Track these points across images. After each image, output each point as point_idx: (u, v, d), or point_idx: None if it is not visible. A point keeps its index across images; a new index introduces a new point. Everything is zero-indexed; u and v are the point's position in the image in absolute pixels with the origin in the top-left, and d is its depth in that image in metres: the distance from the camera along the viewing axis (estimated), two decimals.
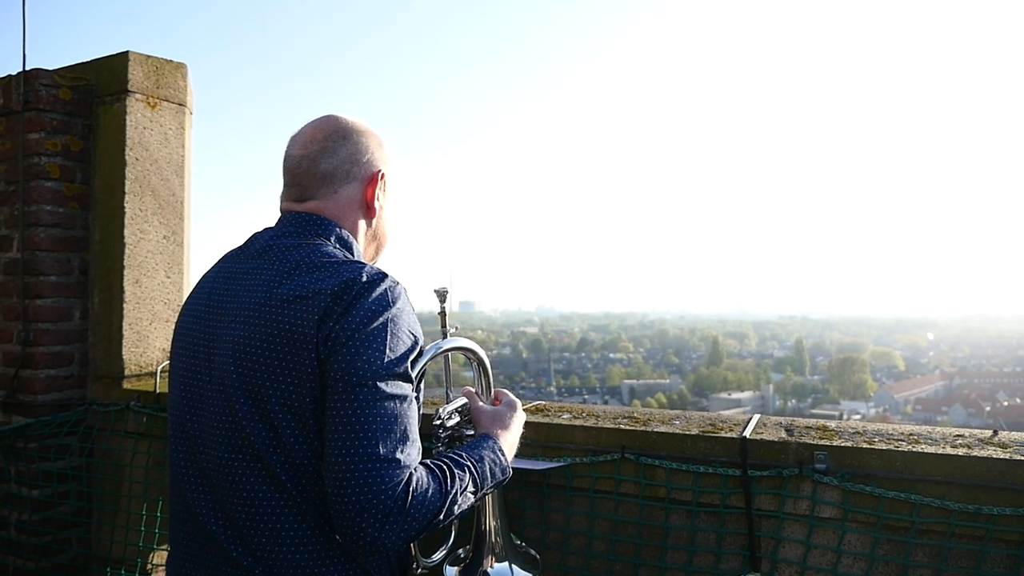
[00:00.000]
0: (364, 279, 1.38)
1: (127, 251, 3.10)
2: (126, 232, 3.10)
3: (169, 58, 3.30)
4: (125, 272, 3.10)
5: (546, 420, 2.22)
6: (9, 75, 3.13)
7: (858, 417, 66.62)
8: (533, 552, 1.90)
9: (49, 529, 3.03)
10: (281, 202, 1.63)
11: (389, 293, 1.38)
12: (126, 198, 3.10)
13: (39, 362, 3.05)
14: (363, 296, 1.35)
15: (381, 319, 1.34)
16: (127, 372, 3.11)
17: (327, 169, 1.56)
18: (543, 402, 2.48)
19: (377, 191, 1.60)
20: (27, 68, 3.08)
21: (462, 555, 1.86)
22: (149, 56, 3.21)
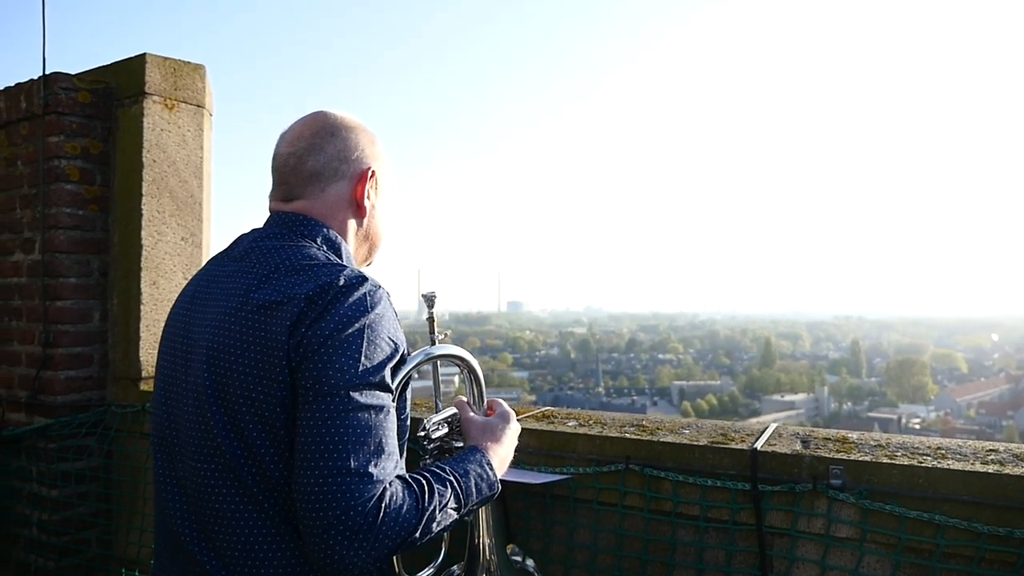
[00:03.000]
0: (341, 282, 1.31)
1: (144, 253, 3.11)
2: (143, 234, 3.10)
3: (188, 60, 3.30)
4: (142, 274, 3.10)
5: (550, 428, 2.12)
6: (30, 79, 3.17)
7: (917, 421, 64.63)
8: (531, 569, 1.82)
9: (68, 529, 3.05)
10: (269, 202, 1.58)
11: (368, 298, 1.31)
12: (143, 200, 3.10)
13: (59, 363, 3.08)
14: (338, 301, 1.28)
15: (357, 325, 1.28)
16: (144, 374, 3.11)
17: (314, 167, 1.51)
18: (550, 408, 2.38)
19: (367, 189, 1.54)
20: (47, 72, 3.11)
21: (456, 571, 1.78)
22: (167, 58, 3.21)
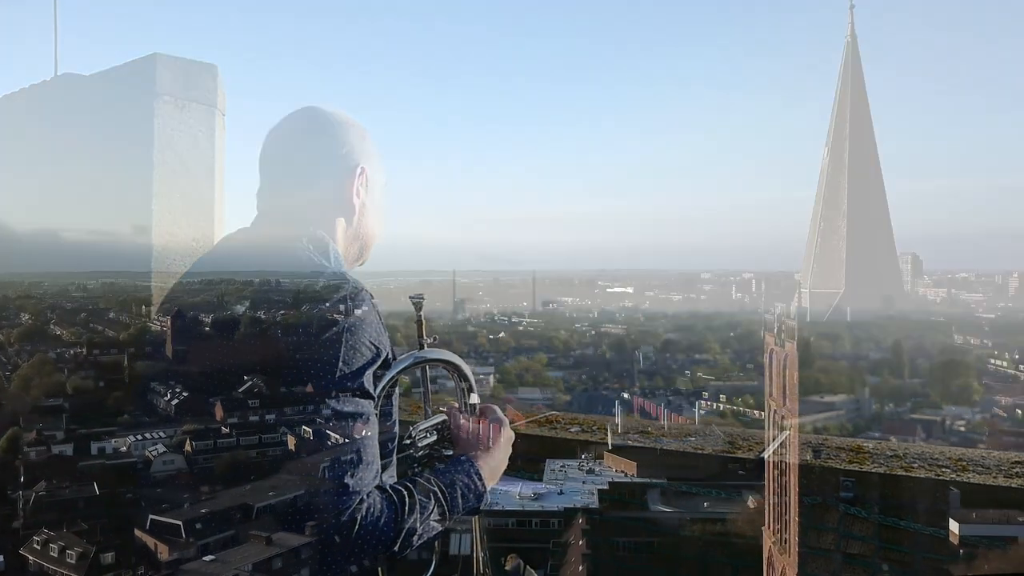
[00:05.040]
0: (320, 284, 1.28)
1: (154, 255, 3.11)
2: (153, 235, 3.11)
3: (199, 60, 3.31)
4: (152, 276, 3.11)
5: (552, 433, 2.05)
6: (43, 80, 3.19)
7: (962, 423, 63.05)
8: None
9: None
10: (257, 200, 1.55)
11: (349, 300, 1.28)
12: (153, 201, 3.11)
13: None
14: (317, 303, 1.25)
15: (335, 328, 1.24)
16: None
17: (302, 164, 1.48)
18: (555, 412, 2.32)
19: (357, 186, 1.51)
20: (59, 73, 3.14)
21: None
22: (177, 58, 3.22)
